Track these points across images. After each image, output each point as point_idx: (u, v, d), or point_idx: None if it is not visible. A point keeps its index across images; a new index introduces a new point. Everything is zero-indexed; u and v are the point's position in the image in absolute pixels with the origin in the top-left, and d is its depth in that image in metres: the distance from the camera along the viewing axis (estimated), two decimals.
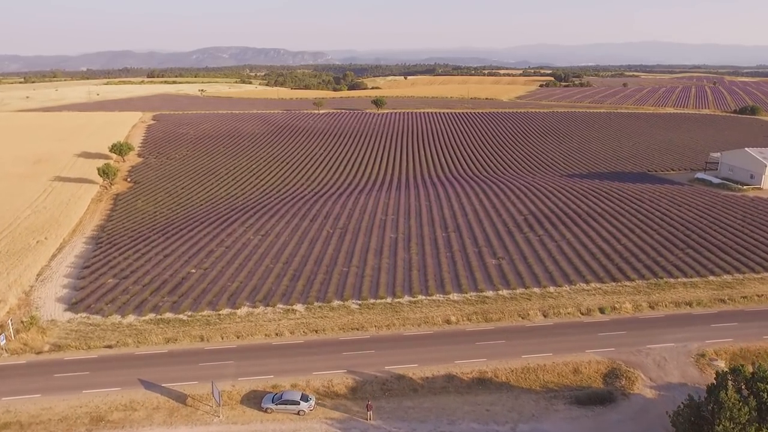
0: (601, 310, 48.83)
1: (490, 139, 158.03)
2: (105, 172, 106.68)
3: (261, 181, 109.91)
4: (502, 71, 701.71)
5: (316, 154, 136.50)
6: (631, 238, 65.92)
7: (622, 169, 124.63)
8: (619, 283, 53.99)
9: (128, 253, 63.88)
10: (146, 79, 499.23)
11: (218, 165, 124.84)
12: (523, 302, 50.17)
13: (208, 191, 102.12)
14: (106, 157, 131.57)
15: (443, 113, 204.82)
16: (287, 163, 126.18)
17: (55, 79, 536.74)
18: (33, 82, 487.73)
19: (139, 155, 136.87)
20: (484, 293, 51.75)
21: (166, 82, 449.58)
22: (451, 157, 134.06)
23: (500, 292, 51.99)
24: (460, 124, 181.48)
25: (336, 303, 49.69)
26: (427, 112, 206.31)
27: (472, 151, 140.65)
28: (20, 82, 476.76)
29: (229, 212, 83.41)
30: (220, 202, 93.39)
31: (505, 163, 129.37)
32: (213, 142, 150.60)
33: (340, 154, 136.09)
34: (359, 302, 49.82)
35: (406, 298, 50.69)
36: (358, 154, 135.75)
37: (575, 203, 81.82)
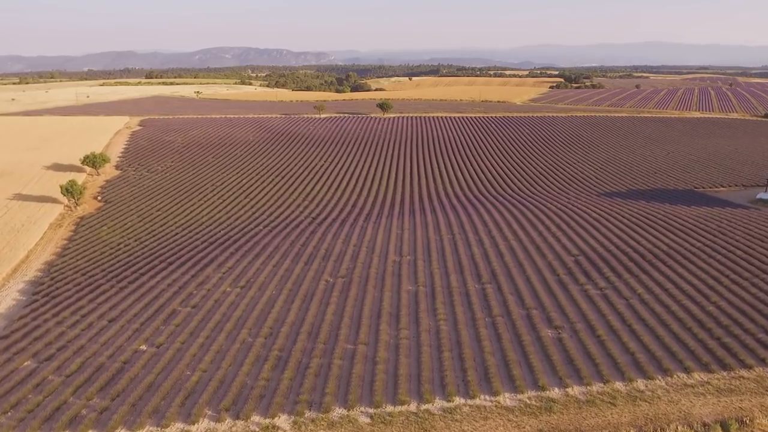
0: (725, 427, 33.44)
1: (509, 147, 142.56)
2: (69, 191, 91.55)
3: (251, 200, 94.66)
4: (508, 72, 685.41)
5: (315, 165, 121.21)
6: (722, 294, 50.43)
7: (664, 185, 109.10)
8: (733, 373, 38.52)
9: (65, 314, 48.63)
10: (143, 80, 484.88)
11: (204, 179, 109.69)
12: (605, 410, 34.73)
13: (187, 214, 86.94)
14: (80, 169, 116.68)
15: (454, 118, 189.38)
16: (282, 178, 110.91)
17: (51, 80, 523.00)
18: (27, 83, 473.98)
19: (117, 167, 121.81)
20: (547, 392, 36.32)
21: (163, 83, 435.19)
22: (468, 169, 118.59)
23: (570, 390, 36.56)
24: (475, 130, 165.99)
25: (337, 413, 34.27)
26: (437, 117, 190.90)
27: (492, 163, 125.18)
28: (14, 83, 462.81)
29: (207, 247, 68.07)
30: (200, 230, 78.15)
31: (530, 177, 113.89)
32: (202, 151, 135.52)
33: (342, 165, 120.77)
34: (371, 411, 34.41)
35: (438, 402, 35.24)
36: (363, 166, 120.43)
37: (632, 237, 66.27)
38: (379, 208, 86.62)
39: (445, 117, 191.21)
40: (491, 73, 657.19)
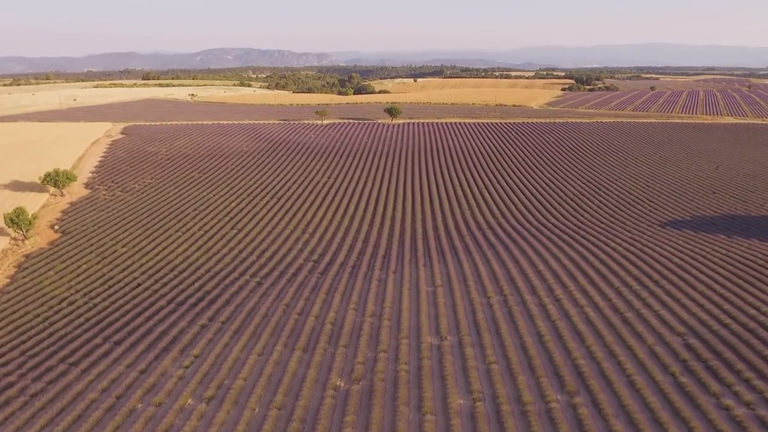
0: None
1: (537, 159, 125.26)
2: (14, 222, 74.50)
3: (239, 232, 77.37)
4: (513, 73, 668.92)
5: (318, 183, 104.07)
6: None
7: (731, 209, 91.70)
8: None
9: None
10: (139, 82, 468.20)
11: (186, 201, 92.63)
12: None
13: (158, 252, 69.73)
14: (43, 188, 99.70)
15: (470, 124, 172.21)
16: (278, 200, 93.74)
17: (45, 81, 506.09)
18: (19, 84, 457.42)
19: (87, 185, 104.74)
20: None
21: (160, 85, 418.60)
22: (497, 189, 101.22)
23: None
24: (495, 138, 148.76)
25: None
26: (451, 123, 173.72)
27: (522, 180, 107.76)
28: (4, 85, 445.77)
29: (174, 311, 50.84)
30: (170, 278, 60.92)
31: (570, 198, 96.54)
32: (187, 164, 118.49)
33: (349, 184, 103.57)
34: None
35: None
36: (374, 185, 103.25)
37: (746, 300, 48.91)
38: (398, 245, 69.25)
39: (460, 123, 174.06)
40: (496, 74, 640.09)
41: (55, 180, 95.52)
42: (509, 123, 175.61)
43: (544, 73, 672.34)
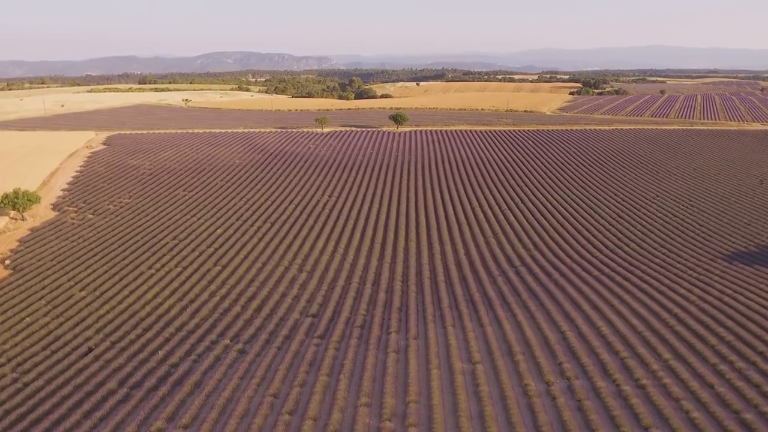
0: None
1: (561, 173, 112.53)
2: None
3: (223, 269, 64.49)
4: (516, 76, 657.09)
5: (317, 203, 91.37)
6: None
7: None
8: None
9: None
10: (135, 86, 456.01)
11: (165, 227, 79.88)
12: None
13: (124, 299, 56.85)
14: (2, 211, 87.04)
15: (481, 132, 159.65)
16: (271, 224, 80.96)
17: (40, 86, 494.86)
18: (11, 89, 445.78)
19: (54, 206, 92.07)
20: None
21: (156, 90, 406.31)
22: (522, 210, 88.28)
23: None
24: (511, 148, 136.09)
25: None
26: (461, 131, 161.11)
27: (549, 198, 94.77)
28: None
29: (122, 400, 37.92)
30: (130, 340, 48.16)
31: (608, 222, 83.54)
32: (172, 180, 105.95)
33: (353, 204, 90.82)
34: None
35: None
36: (381, 205, 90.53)
37: None
38: (417, 291, 56.30)
39: (471, 131, 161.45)
40: (499, 77, 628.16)
41: (14, 202, 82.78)
42: (523, 130, 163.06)
43: (548, 76, 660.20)
